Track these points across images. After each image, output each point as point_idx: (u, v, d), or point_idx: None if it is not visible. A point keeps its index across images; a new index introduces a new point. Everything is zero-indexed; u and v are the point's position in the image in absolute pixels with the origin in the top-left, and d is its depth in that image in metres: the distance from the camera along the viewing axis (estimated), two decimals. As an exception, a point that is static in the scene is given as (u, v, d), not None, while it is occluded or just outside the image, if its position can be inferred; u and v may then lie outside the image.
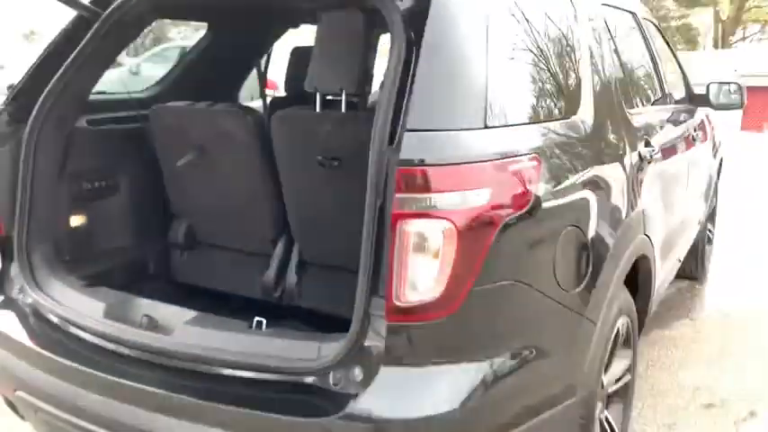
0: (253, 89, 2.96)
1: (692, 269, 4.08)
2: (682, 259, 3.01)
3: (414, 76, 1.29)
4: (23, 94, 1.81)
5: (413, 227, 1.23)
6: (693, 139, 3.06)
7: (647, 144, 2.14)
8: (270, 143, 1.87)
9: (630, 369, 2.16)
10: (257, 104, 2.77)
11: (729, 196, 5.31)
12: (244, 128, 1.90)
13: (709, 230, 4.31)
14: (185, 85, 2.51)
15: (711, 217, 4.33)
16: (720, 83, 3.42)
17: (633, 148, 2.00)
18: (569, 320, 1.54)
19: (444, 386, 1.30)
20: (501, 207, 1.30)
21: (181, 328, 1.52)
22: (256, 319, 1.52)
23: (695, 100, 3.46)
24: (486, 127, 1.32)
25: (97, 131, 2.02)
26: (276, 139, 1.85)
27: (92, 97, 2.02)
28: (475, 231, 1.26)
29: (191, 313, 1.57)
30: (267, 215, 1.99)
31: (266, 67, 2.79)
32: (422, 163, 1.23)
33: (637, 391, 2.67)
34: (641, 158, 2.05)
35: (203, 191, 2.06)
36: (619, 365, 2.08)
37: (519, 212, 1.34)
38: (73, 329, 1.62)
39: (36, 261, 1.78)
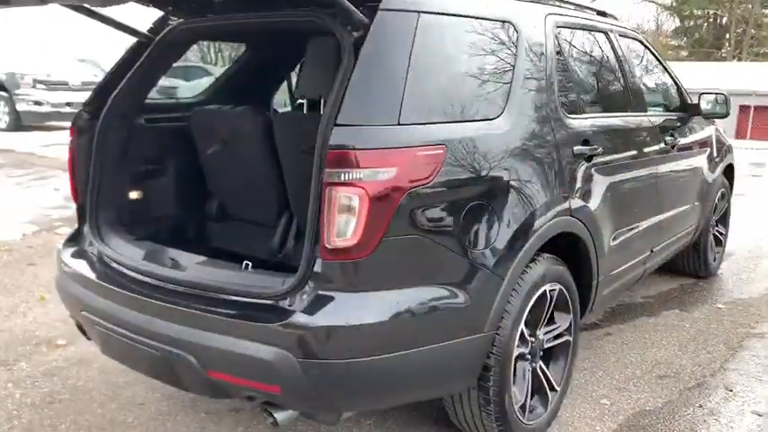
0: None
1: (696, 267, 4.39)
2: (656, 250, 3.36)
3: (347, 85, 1.82)
4: (97, 98, 2.48)
5: (338, 193, 1.77)
6: (673, 145, 3.41)
7: (586, 143, 2.57)
8: (274, 138, 2.46)
9: (570, 331, 2.59)
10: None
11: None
12: (255, 126, 2.50)
13: (719, 233, 4.58)
14: (227, 93, 3.15)
15: (722, 220, 4.60)
16: (710, 93, 3.77)
17: (565, 147, 2.45)
18: (475, 272, 2.02)
19: (360, 306, 1.82)
20: (406, 181, 1.82)
21: (193, 267, 2.12)
22: (245, 262, 2.10)
23: (689, 109, 3.81)
24: (399, 124, 1.85)
25: (151, 127, 2.67)
26: (276, 135, 2.44)
27: (149, 101, 2.68)
28: (383, 197, 1.78)
29: (202, 258, 2.18)
30: (273, 195, 2.57)
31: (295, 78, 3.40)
32: (345, 147, 1.77)
33: (601, 363, 3.10)
34: (574, 155, 2.49)
35: (226, 174, 2.68)
36: (555, 325, 2.53)
37: (422, 186, 1.85)
38: (122, 269, 2.26)
39: (101, 223, 2.44)
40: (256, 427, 2.53)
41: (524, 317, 2.26)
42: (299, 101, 2.69)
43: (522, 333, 2.27)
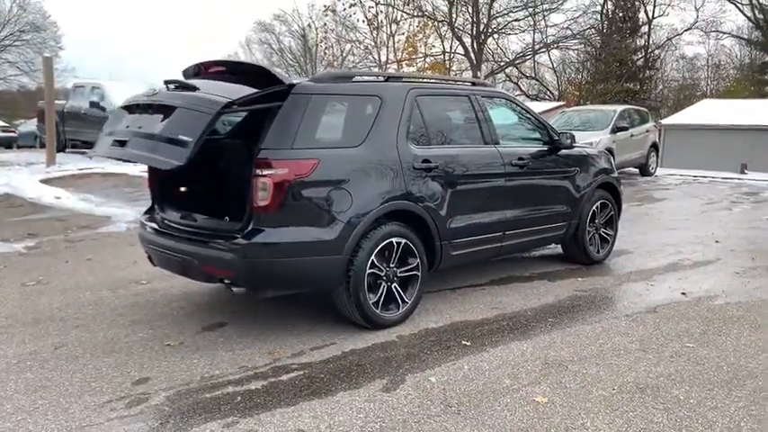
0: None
1: (580, 257, 6.16)
2: (510, 234, 5.22)
3: (269, 126, 3.92)
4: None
5: (258, 180, 3.85)
6: (522, 166, 5.28)
7: (426, 161, 4.54)
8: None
9: (418, 269, 4.53)
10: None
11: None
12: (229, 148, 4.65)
13: (606, 233, 6.32)
14: (229, 135, 5.33)
15: (609, 223, 6.33)
16: (564, 132, 5.62)
17: (408, 163, 4.43)
18: (338, 223, 4.02)
19: (273, 234, 3.87)
20: (293, 175, 3.88)
21: (200, 220, 4.28)
22: (225, 217, 4.22)
23: (552, 143, 5.67)
24: (292, 148, 3.92)
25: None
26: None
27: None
28: (281, 183, 3.84)
29: (205, 216, 4.32)
30: (237, 187, 4.67)
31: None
32: (264, 158, 3.86)
33: (462, 303, 4.97)
34: (415, 168, 4.47)
35: (217, 177, 4.83)
36: (406, 263, 4.47)
37: (302, 178, 3.91)
38: (170, 223, 4.44)
39: (161, 205, 4.65)
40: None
41: (374, 252, 4.23)
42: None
43: (373, 262, 4.23)
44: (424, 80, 5.04)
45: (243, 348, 4.04)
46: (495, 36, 33.71)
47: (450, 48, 32.76)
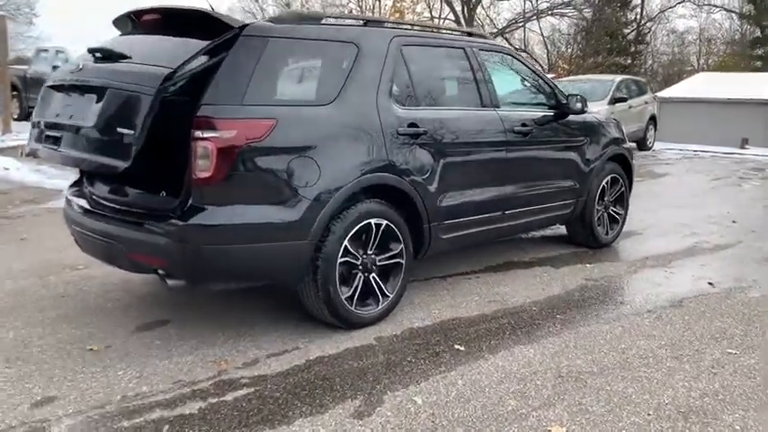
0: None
1: (586, 239, 5.39)
2: (510, 214, 4.43)
3: (211, 80, 3.07)
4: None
5: (198, 145, 3.01)
6: (526, 134, 4.47)
7: (412, 125, 3.71)
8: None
9: (402, 256, 3.73)
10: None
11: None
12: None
13: (616, 212, 5.55)
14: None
15: (619, 201, 5.56)
16: (573, 95, 4.81)
17: (390, 128, 3.60)
18: (300, 200, 3.20)
19: (217, 213, 3.05)
20: (243, 140, 3.04)
21: (131, 195, 3.43)
22: (162, 192, 3.38)
23: (560, 108, 4.85)
24: (242, 105, 3.08)
25: None
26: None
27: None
28: (227, 149, 3.01)
29: (138, 190, 3.47)
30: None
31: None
32: (204, 117, 3.02)
33: (454, 294, 4.19)
34: (399, 134, 3.64)
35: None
36: (387, 249, 3.67)
37: (255, 143, 3.07)
38: (96, 198, 3.59)
39: (90, 176, 3.79)
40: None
41: (348, 237, 3.42)
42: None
43: (346, 248, 3.43)
44: (412, 27, 4.18)
45: (183, 355, 3.24)
46: (487, 3, 32.62)
47: (440, 15, 31.62)
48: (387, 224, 3.60)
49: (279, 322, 3.65)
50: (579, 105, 4.81)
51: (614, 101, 12.51)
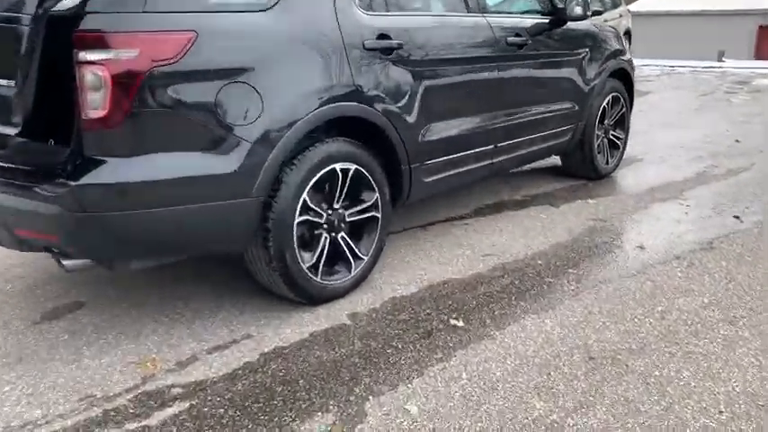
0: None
1: (585, 170, 4.65)
2: (503, 146, 3.64)
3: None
4: None
5: (85, 72, 2.12)
6: (520, 45, 3.62)
7: (383, 37, 2.84)
8: None
9: (378, 207, 2.92)
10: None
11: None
12: None
13: (616, 137, 4.80)
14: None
15: (619, 124, 4.80)
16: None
17: (354, 40, 2.72)
18: (237, 144, 2.35)
19: (120, 168, 2.19)
20: (149, 62, 2.15)
21: (11, 145, 2.51)
22: (50, 140, 2.48)
23: (556, 14, 3.99)
24: (143, 12, 2.17)
25: None
26: None
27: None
28: (126, 75, 2.12)
29: (22, 140, 2.56)
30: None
31: None
32: (91, 31, 2.11)
33: (437, 245, 3.42)
34: (366, 48, 2.77)
35: None
36: (358, 200, 2.86)
37: (168, 66, 2.18)
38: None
39: None
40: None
41: (307, 189, 2.60)
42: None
43: (305, 203, 2.61)
44: None
45: (97, 355, 2.45)
46: None
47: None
48: (356, 169, 2.79)
49: (224, 300, 2.85)
50: (580, 10, 3.97)
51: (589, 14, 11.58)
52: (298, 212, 2.59)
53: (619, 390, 2.16)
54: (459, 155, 3.35)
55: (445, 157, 3.27)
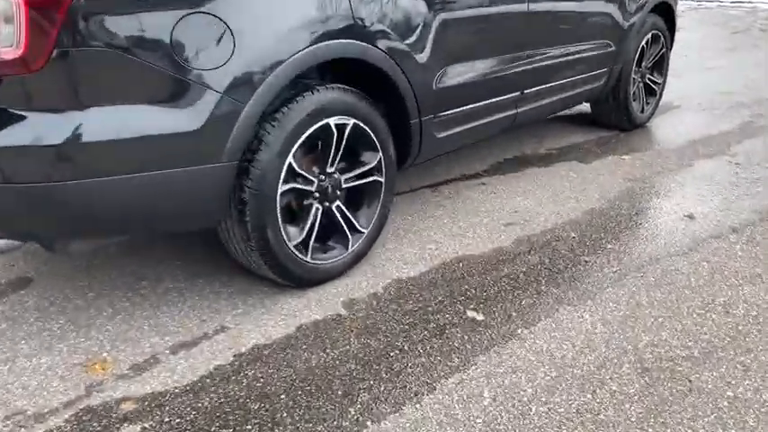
0: None
1: (617, 119, 4.09)
2: (530, 93, 3.09)
3: None
4: None
5: (-8, -5, 1.57)
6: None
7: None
8: None
9: (380, 170, 2.41)
10: None
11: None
12: None
13: (653, 81, 4.22)
14: None
15: (657, 66, 4.21)
16: None
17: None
18: (200, 94, 1.83)
19: (47, 125, 1.67)
20: (78, -17, 1.60)
21: None
22: None
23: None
24: None
25: None
26: None
27: None
28: (46, 3, 1.58)
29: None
30: None
31: None
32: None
33: (452, 210, 2.92)
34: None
35: None
36: (357, 162, 2.35)
37: (103, -10, 1.64)
38: None
39: None
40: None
41: (293, 150, 2.09)
42: None
43: (291, 168, 2.10)
44: None
45: (36, 353, 2.00)
46: None
47: None
48: (355, 124, 2.26)
49: (198, 280, 2.38)
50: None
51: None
52: (282, 179, 2.09)
53: (684, 418, 1.69)
54: (479, 104, 2.81)
55: (464, 108, 2.74)
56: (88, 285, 2.37)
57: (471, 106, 2.76)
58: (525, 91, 3.06)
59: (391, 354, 1.97)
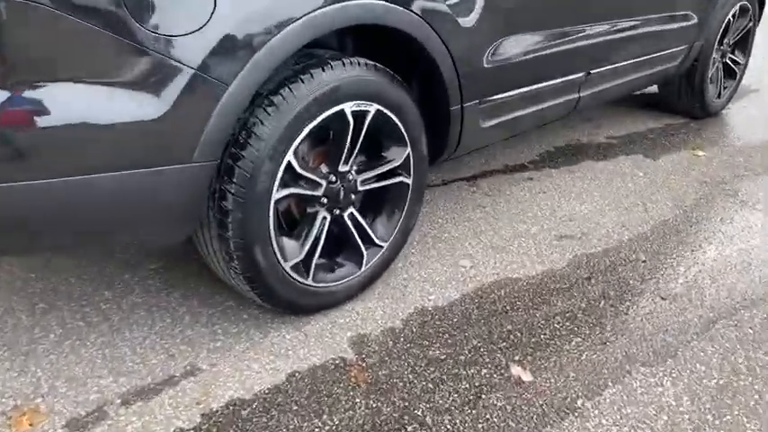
0: None
1: (689, 104, 3.49)
2: (596, 74, 2.52)
3: None
4: None
5: None
6: None
7: None
8: None
9: (408, 169, 1.89)
10: None
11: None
12: None
13: (734, 61, 3.58)
14: None
15: (741, 44, 3.58)
16: None
17: None
18: (169, 71, 1.30)
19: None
20: None
21: None
22: None
23: None
24: None
25: None
26: None
27: None
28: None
29: None
30: None
31: None
32: None
33: (495, 214, 2.41)
34: None
35: None
36: (379, 158, 1.83)
37: None
38: None
39: None
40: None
41: (294, 145, 1.56)
42: None
43: (290, 167, 1.58)
44: None
45: (-54, 398, 1.53)
46: None
47: None
48: (378, 111, 1.72)
49: (171, 298, 1.90)
50: None
51: None
52: (278, 184, 1.57)
53: None
54: (536, 87, 2.24)
55: (518, 90, 2.17)
56: (40, 293, 1.90)
57: (528, 89, 2.20)
58: (591, 72, 2.48)
59: (408, 428, 1.47)
